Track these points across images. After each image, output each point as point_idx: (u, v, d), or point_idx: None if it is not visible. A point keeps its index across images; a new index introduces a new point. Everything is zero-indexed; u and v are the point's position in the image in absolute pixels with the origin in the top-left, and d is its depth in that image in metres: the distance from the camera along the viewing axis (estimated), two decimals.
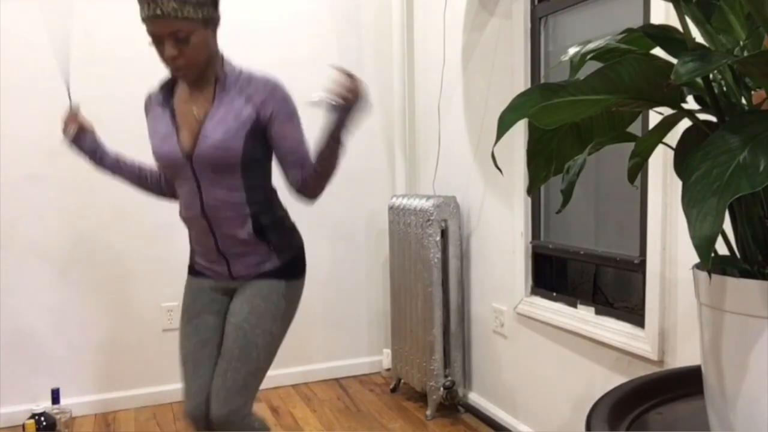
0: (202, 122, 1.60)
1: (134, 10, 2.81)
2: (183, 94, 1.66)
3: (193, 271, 1.79)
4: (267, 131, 1.62)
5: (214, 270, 1.73)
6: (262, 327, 1.65)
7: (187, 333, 1.74)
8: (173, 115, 1.65)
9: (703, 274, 0.85)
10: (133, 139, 2.41)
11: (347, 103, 1.54)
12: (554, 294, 2.20)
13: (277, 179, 1.68)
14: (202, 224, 1.66)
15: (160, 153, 1.65)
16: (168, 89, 1.69)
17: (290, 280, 1.71)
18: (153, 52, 1.55)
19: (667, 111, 0.89)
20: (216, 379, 1.67)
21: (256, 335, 1.65)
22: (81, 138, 1.76)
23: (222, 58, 1.63)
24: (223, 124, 1.58)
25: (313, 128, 1.81)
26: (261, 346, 1.65)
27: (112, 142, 2.71)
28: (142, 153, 1.93)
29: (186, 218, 1.70)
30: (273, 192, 1.73)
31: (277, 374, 3.02)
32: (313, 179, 1.63)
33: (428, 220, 2.55)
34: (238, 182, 1.62)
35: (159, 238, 2.82)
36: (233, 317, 1.67)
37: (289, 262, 1.71)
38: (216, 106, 1.60)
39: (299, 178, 1.64)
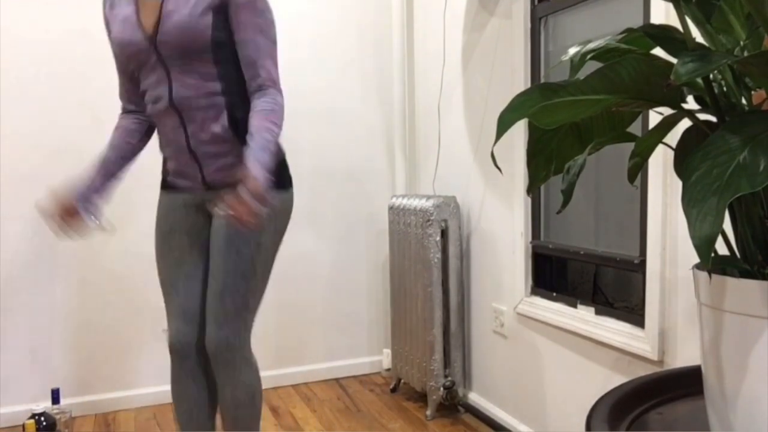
0: (165, 1, 1.46)
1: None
2: None
3: (165, 184, 1.65)
4: (228, 17, 1.48)
5: (185, 176, 1.58)
6: (255, 240, 1.52)
7: (161, 253, 1.61)
8: (136, 1, 1.51)
9: (703, 274, 0.85)
10: None
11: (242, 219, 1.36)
12: (554, 294, 2.20)
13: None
14: (173, 119, 1.52)
15: (122, 39, 1.50)
16: None
17: (274, 189, 1.54)
18: None
19: (667, 111, 0.89)
20: (210, 300, 1.53)
21: (249, 250, 1.51)
22: (87, 201, 1.61)
23: None
24: (186, 2, 1.45)
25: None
26: (253, 261, 1.52)
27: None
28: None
29: (154, 113, 1.55)
30: None
31: (277, 374, 3.02)
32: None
33: (428, 220, 2.55)
34: (211, 70, 1.49)
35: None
36: (218, 234, 1.53)
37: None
38: None
39: (248, 80, 1.49)
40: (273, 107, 1.49)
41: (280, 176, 1.59)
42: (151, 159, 1.91)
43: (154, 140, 1.73)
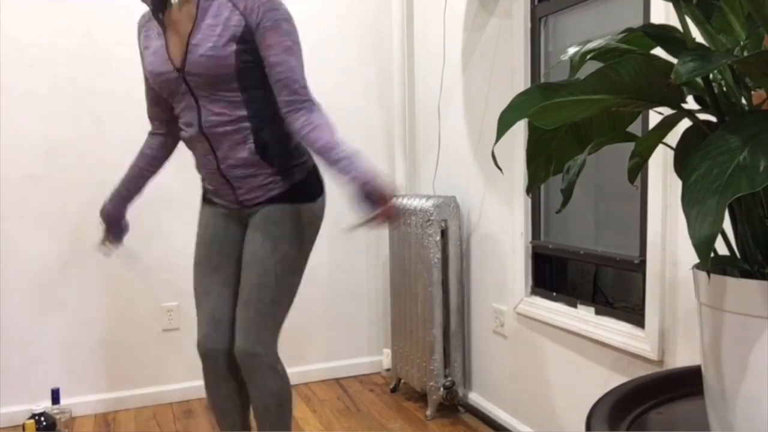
0: (191, 32, 1.53)
1: (135, 10, 2.81)
2: (173, 8, 1.59)
3: (206, 198, 1.75)
4: (255, 42, 1.53)
5: (221, 196, 1.68)
6: (280, 253, 1.59)
7: (198, 261, 1.70)
8: (164, 30, 1.59)
9: (703, 274, 0.85)
10: (133, 137, 2.41)
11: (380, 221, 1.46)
12: (554, 294, 2.20)
13: None
14: (203, 144, 1.60)
15: (153, 69, 1.59)
16: (160, 7, 1.61)
17: (302, 203, 1.62)
18: None
19: (667, 111, 0.89)
20: (238, 312, 1.61)
21: (274, 262, 1.58)
22: (116, 227, 1.82)
23: None
24: (211, 32, 1.51)
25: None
26: (280, 273, 1.59)
27: (113, 139, 2.73)
28: None
29: (186, 138, 1.64)
30: (277, 111, 1.62)
31: None
32: (298, 133, 1.54)
33: (428, 220, 2.55)
34: (237, 97, 1.56)
35: (159, 237, 2.82)
36: (248, 248, 1.61)
37: (298, 184, 1.63)
38: (201, 16, 1.53)
39: (286, 101, 1.54)
40: (327, 120, 1.56)
41: (310, 187, 1.66)
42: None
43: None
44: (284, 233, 1.60)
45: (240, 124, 1.57)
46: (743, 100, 0.86)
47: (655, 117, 1.61)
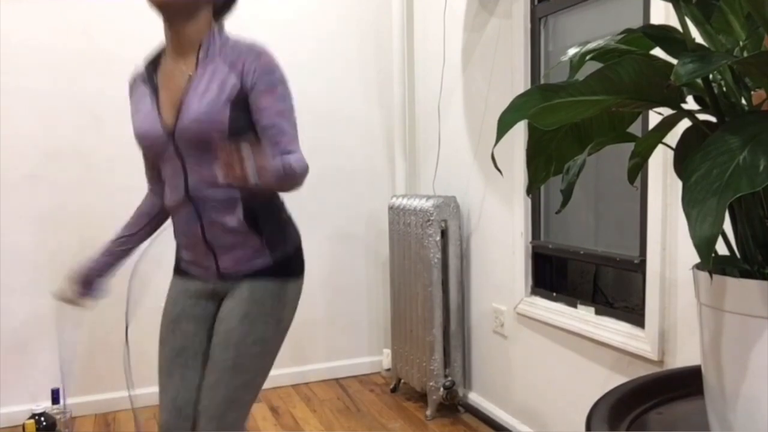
0: (185, 94, 1.47)
1: (134, 10, 2.81)
2: (167, 66, 1.53)
3: (179, 270, 1.66)
4: (249, 103, 1.47)
5: (200, 266, 1.58)
6: (255, 335, 1.50)
7: (163, 338, 1.60)
8: (156, 92, 1.53)
9: (703, 274, 0.85)
10: (132, 138, 2.41)
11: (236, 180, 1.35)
12: (554, 294, 2.20)
13: None
14: (188, 210, 1.52)
15: (141, 131, 1.53)
16: (153, 65, 1.56)
17: (286, 280, 1.55)
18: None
19: (667, 111, 0.89)
20: (204, 393, 1.50)
21: (248, 344, 1.49)
22: (95, 288, 1.68)
23: (215, 27, 1.51)
24: (206, 95, 1.45)
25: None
26: (254, 356, 1.50)
27: (113, 139, 2.73)
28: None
29: (171, 204, 1.56)
30: None
31: (277, 374, 3.02)
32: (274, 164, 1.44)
33: (428, 220, 2.55)
34: None
35: (158, 238, 2.81)
36: (222, 325, 1.51)
37: (283, 259, 1.55)
38: (199, 75, 1.47)
39: (272, 155, 1.44)
40: (302, 164, 1.50)
41: (294, 263, 1.58)
42: None
43: None
44: (264, 313, 1.51)
45: (228, 191, 1.50)
46: (743, 101, 0.86)
47: (655, 117, 1.61)
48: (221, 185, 1.49)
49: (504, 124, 0.82)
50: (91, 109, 2.70)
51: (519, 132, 2.25)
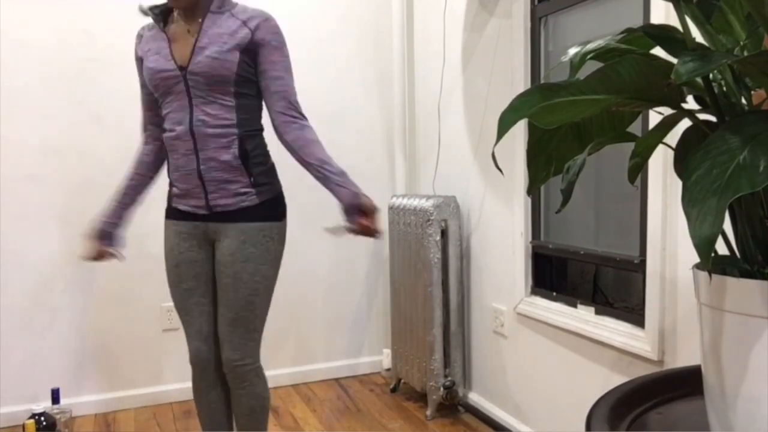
0: (198, 37, 1.66)
1: (135, 9, 2.81)
2: (178, 27, 1.71)
3: (170, 211, 1.82)
4: (257, 57, 1.68)
5: (191, 199, 1.74)
6: (260, 273, 1.72)
7: (173, 282, 1.81)
8: (167, 37, 1.71)
9: (703, 274, 0.85)
10: (133, 137, 2.41)
11: (362, 233, 1.69)
12: (554, 294, 2.20)
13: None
14: (188, 144, 1.68)
15: (157, 67, 1.68)
16: (161, 20, 1.73)
17: (274, 221, 1.75)
18: None
19: (667, 111, 0.90)
20: (224, 327, 1.74)
21: (256, 282, 1.71)
22: (112, 239, 1.86)
23: None
24: (219, 39, 1.65)
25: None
26: (261, 292, 1.73)
27: (113, 139, 2.73)
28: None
29: (172, 137, 1.71)
30: (261, 128, 1.76)
31: (277, 374, 3.02)
32: (290, 145, 1.71)
33: (428, 220, 2.55)
34: (230, 102, 1.67)
35: (158, 237, 2.81)
36: (228, 267, 1.71)
37: (268, 201, 1.74)
38: (209, 25, 1.66)
39: (281, 112, 1.70)
40: (318, 139, 1.73)
41: (278, 206, 1.78)
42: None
43: None
44: (262, 254, 1.72)
45: (228, 129, 1.67)
46: (743, 100, 0.86)
47: (655, 117, 1.61)
48: (222, 123, 1.67)
49: (504, 124, 0.82)
50: (91, 109, 2.70)
51: (519, 132, 2.25)
